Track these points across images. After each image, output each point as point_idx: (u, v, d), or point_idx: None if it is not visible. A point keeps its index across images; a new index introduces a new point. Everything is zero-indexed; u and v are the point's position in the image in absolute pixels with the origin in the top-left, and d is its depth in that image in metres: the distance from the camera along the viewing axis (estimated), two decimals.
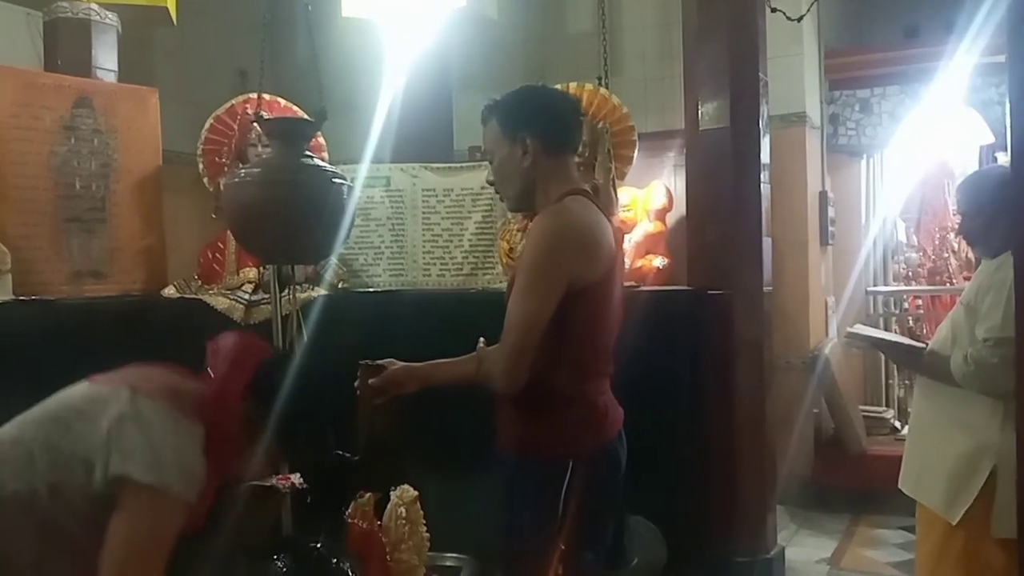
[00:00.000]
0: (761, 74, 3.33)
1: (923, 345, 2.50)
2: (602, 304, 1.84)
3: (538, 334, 1.72)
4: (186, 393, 1.59)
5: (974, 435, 2.25)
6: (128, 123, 3.51)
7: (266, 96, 3.58)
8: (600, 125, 3.51)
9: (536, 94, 1.99)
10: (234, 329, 3.12)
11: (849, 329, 2.76)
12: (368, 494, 2.29)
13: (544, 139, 1.86)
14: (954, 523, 2.22)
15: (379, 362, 1.96)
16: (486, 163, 2.05)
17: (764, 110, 3.37)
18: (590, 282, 1.78)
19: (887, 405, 5.09)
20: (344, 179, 2.49)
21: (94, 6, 3.60)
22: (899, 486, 2.50)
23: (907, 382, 5.01)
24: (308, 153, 2.49)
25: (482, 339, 1.92)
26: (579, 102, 2.18)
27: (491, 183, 1.96)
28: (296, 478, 2.57)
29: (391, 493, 2.29)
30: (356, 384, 1.95)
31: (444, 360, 1.96)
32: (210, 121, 3.62)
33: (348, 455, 2.04)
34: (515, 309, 1.74)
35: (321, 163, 2.52)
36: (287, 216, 2.36)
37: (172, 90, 3.90)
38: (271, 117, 3.18)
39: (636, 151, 3.67)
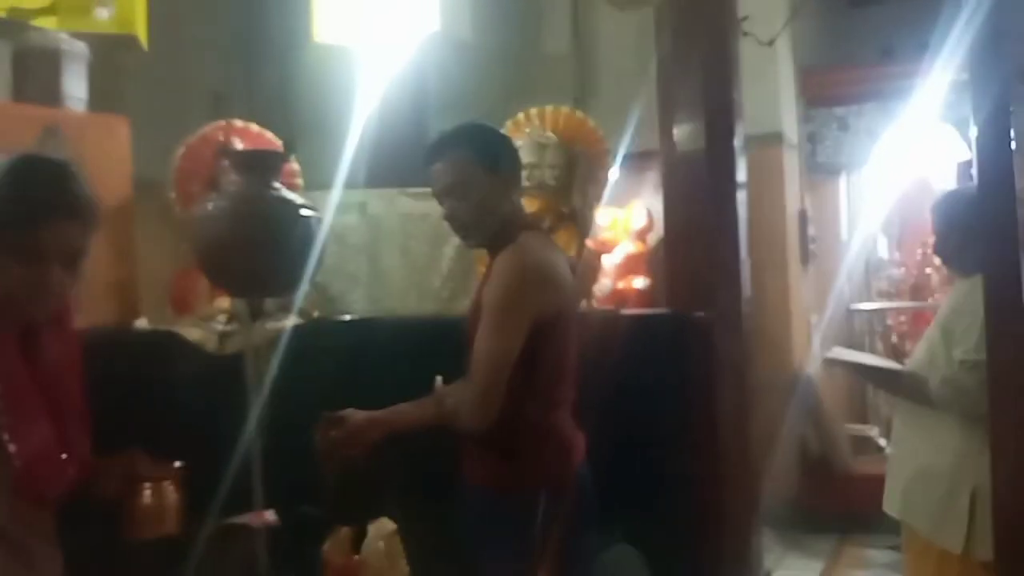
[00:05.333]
0: (735, 95, 3.33)
1: (900, 368, 2.51)
2: (564, 334, 1.89)
3: (507, 372, 1.76)
4: None
5: (953, 457, 2.25)
6: (97, 152, 3.45)
7: (238, 123, 3.55)
8: (576, 148, 3.49)
9: (496, 131, 2.03)
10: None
11: (827, 355, 2.76)
12: (345, 528, 2.26)
13: (515, 173, 1.93)
14: (958, 551, 2.20)
15: (339, 413, 1.94)
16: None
17: (740, 130, 3.37)
18: (552, 315, 1.84)
19: (873, 423, 5.08)
20: (313, 210, 2.45)
21: (63, 35, 3.56)
22: (883, 508, 2.49)
23: (892, 400, 5.00)
24: (276, 185, 2.45)
25: (439, 378, 1.91)
26: None
27: (453, 219, 1.93)
28: (270, 515, 2.53)
29: (369, 527, 2.25)
30: (317, 438, 1.93)
31: (404, 405, 1.96)
32: (182, 149, 3.57)
33: (314, 511, 2.02)
34: (483, 348, 1.78)
35: (290, 195, 2.48)
36: (253, 250, 2.31)
37: (144, 117, 3.85)
38: (237, 149, 3.14)
39: (612, 173, 3.66)
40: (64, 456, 1.40)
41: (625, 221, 4.35)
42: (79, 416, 1.46)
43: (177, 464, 1.69)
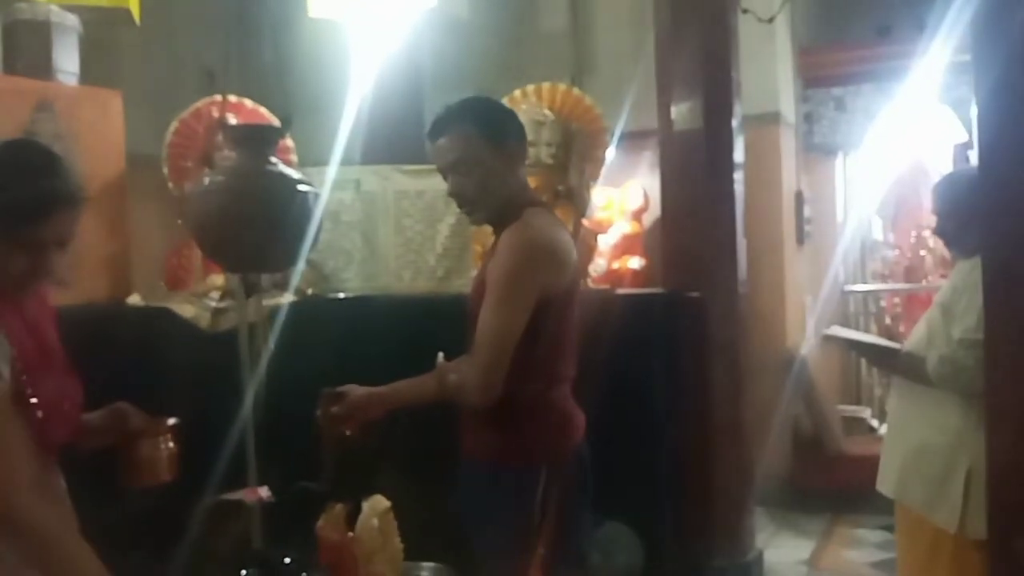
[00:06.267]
0: (734, 74, 3.32)
1: (898, 346, 2.50)
2: (568, 311, 1.87)
3: (511, 348, 1.74)
4: None
5: (950, 436, 2.25)
6: (90, 127, 3.41)
7: (232, 98, 3.50)
8: (573, 126, 3.47)
9: (499, 103, 2.02)
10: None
11: (825, 332, 2.76)
12: (339, 505, 2.25)
13: (520, 148, 1.89)
14: (953, 530, 2.20)
15: (339, 389, 1.92)
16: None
17: (737, 110, 3.35)
18: (557, 292, 1.82)
19: (865, 404, 5.10)
20: (310, 186, 2.43)
21: (54, 7, 3.51)
22: (877, 487, 2.49)
23: (884, 381, 5.02)
24: (273, 160, 2.43)
25: (441, 354, 1.89)
26: None
27: (457, 195, 1.90)
28: (264, 491, 2.52)
29: (363, 504, 2.25)
30: (318, 414, 1.92)
31: (405, 381, 1.94)
32: (175, 124, 3.54)
33: (313, 486, 2.01)
34: (488, 324, 1.76)
35: (287, 170, 2.45)
36: (251, 225, 2.30)
37: (137, 92, 3.81)
38: (235, 124, 3.10)
39: (610, 152, 3.64)
40: (67, 405, 1.52)
41: (621, 201, 4.34)
42: (68, 369, 1.56)
43: (171, 421, 1.71)
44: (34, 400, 1.42)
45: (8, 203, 1.37)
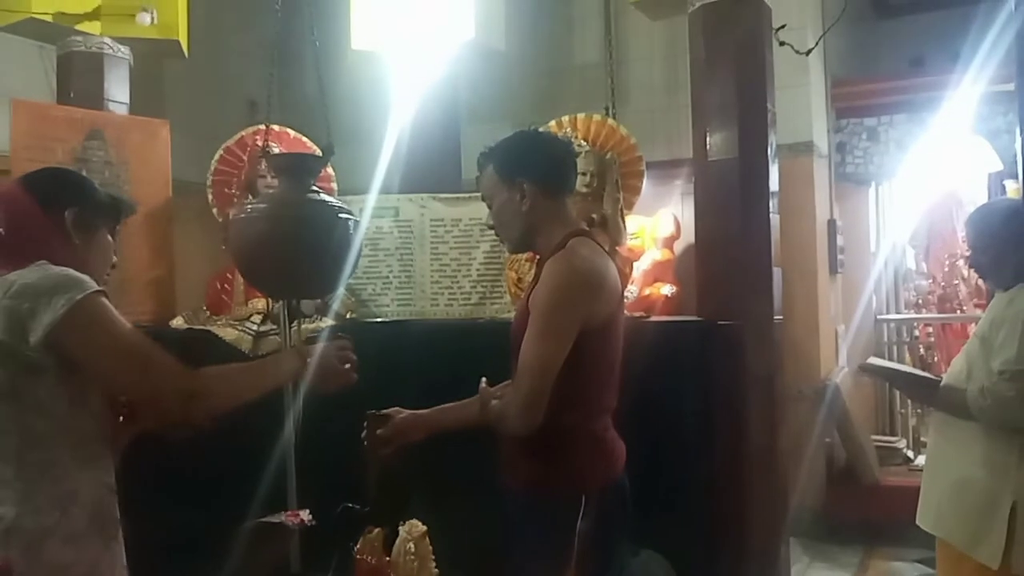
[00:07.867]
0: (769, 105, 3.34)
1: (938, 379, 2.47)
2: (611, 341, 1.89)
3: (553, 376, 1.75)
4: None
5: (992, 471, 2.21)
6: (139, 155, 3.53)
7: (275, 127, 3.60)
8: (608, 156, 3.51)
9: (531, 140, 2.02)
10: None
11: (864, 363, 2.75)
12: (376, 529, 2.27)
13: (542, 184, 1.92)
14: (996, 567, 2.17)
15: (385, 412, 1.98)
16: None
17: (772, 140, 3.37)
18: (600, 322, 1.83)
19: (900, 435, 5.04)
20: (351, 214, 2.49)
21: (107, 40, 3.64)
22: (917, 522, 2.46)
23: (919, 411, 4.97)
24: (315, 188, 2.49)
25: (484, 379, 1.92)
26: (572, 144, 2.25)
27: (491, 227, 2.00)
28: (305, 514, 2.56)
29: (400, 528, 2.27)
30: (364, 435, 1.96)
31: (449, 405, 1.99)
32: (220, 152, 3.64)
33: (357, 506, 2.05)
34: (531, 352, 1.78)
35: (328, 198, 2.51)
36: (293, 252, 2.35)
37: (183, 121, 3.93)
38: (278, 152, 3.18)
39: (644, 181, 3.67)
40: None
41: (652, 229, 4.36)
42: None
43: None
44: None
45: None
